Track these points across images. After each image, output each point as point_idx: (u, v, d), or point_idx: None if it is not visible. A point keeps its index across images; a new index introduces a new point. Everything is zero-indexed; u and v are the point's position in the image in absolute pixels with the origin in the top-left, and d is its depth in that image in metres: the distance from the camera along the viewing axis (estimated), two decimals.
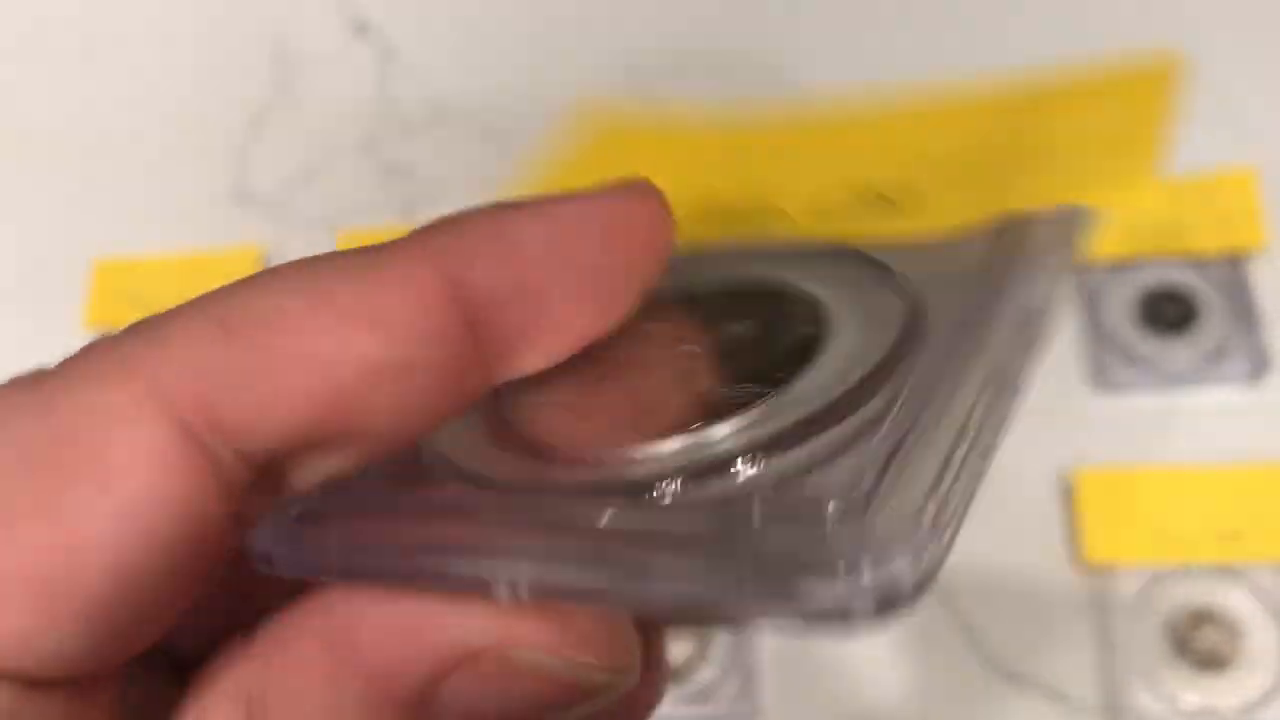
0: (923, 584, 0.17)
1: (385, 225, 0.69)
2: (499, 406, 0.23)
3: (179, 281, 0.69)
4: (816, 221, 0.24)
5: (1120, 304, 0.62)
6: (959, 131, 0.25)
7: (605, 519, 0.19)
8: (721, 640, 0.57)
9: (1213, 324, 0.62)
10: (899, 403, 0.20)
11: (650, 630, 0.24)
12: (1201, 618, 0.57)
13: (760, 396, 0.22)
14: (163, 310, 0.20)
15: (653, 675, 0.24)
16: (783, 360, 0.23)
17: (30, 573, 0.18)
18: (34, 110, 0.79)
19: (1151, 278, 0.62)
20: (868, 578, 0.17)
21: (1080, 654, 0.56)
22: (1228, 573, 0.57)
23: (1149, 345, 0.61)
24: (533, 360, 0.21)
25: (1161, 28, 0.63)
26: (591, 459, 0.22)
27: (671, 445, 0.22)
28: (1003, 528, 0.57)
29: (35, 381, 0.19)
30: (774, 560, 0.17)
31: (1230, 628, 0.57)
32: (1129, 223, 0.62)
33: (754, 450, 0.21)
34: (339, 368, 0.19)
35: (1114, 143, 0.24)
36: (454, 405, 0.20)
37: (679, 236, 0.21)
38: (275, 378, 0.19)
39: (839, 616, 0.17)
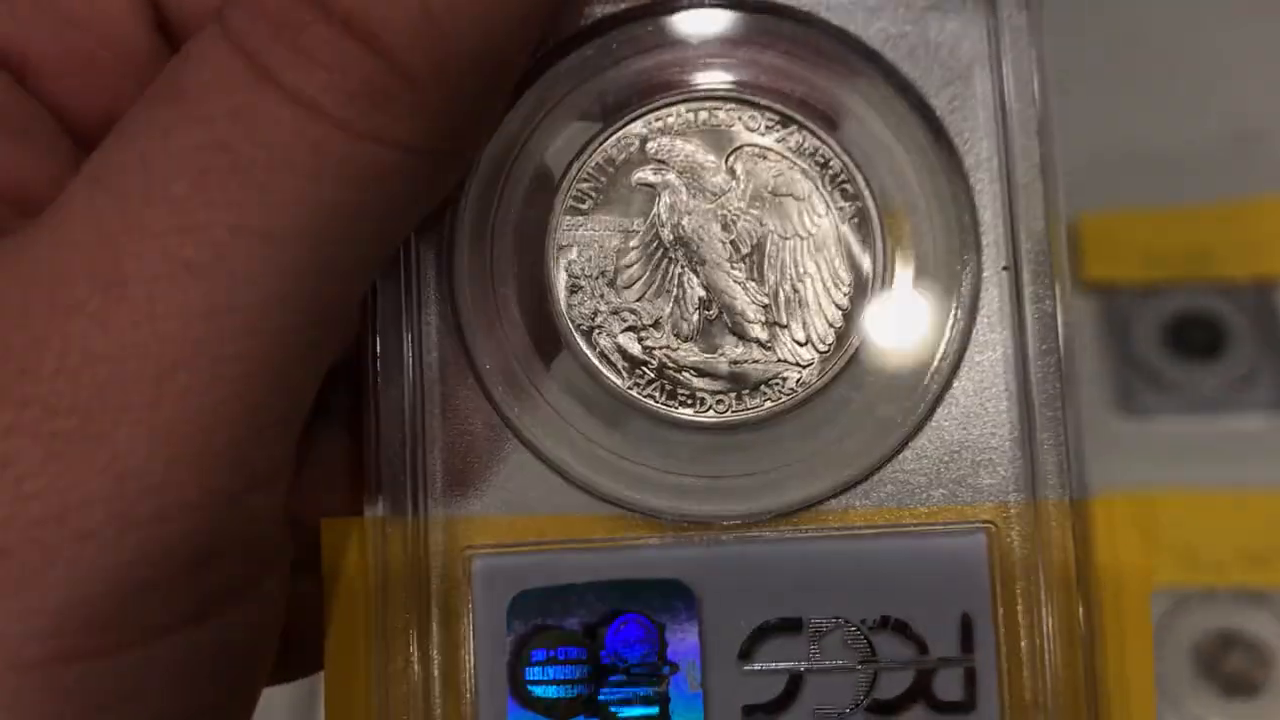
0: None
1: None
2: None
3: None
4: None
5: (1148, 329, 0.64)
6: None
7: None
8: None
9: (1241, 350, 0.63)
10: None
11: None
12: (1229, 642, 0.59)
13: None
14: None
15: None
16: None
17: None
18: None
19: (1180, 303, 0.64)
20: None
21: None
22: (1255, 597, 0.59)
23: (1177, 370, 0.63)
24: None
25: (1191, 54, 0.65)
26: None
27: None
28: None
29: None
30: None
31: (1258, 652, 0.59)
32: (1158, 248, 0.64)
33: None
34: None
35: None
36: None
37: None
38: None
39: None
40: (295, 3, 0.22)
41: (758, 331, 0.28)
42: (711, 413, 0.28)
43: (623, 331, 0.28)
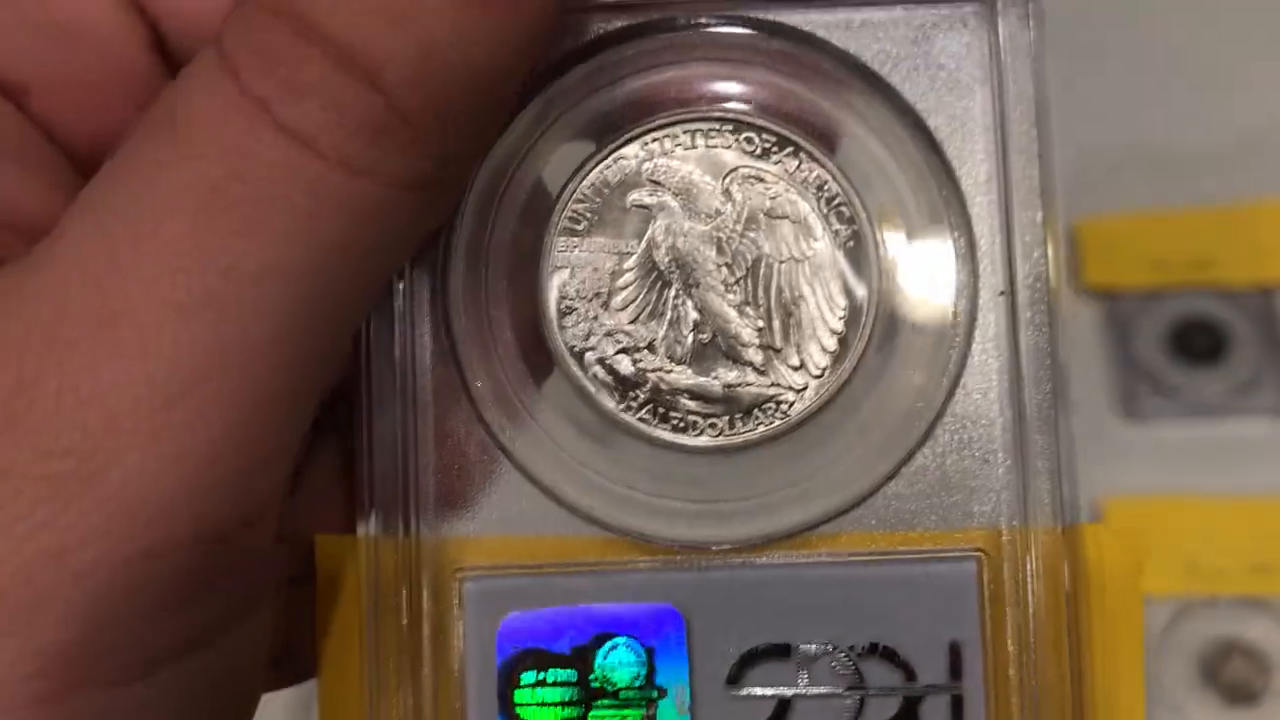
0: None
1: None
2: None
3: None
4: None
5: (1151, 334, 0.64)
6: None
7: None
8: None
9: (1244, 355, 0.63)
10: None
11: None
12: (1231, 650, 0.59)
13: None
14: None
15: None
16: None
17: None
18: None
19: (1183, 308, 0.64)
20: None
21: None
22: (1257, 605, 0.60)
23: (1179, 376, 0.63)
24: None
25: (1195, 58, 0.65)
26: None
27: None
28: None
29: None
30: None
31: (1260, 660, 0.59)
32: (1160, 252, 0.64)
33: None
34: None
35: None
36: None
37: None
38: None
39: None
40: (292, 37, 0.22)
41: (752, 355, 0.28)
42: (704, 436, 0.28)
43: (616, 353, 0.28)
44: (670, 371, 0.28)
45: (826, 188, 0.28)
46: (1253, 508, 0.61)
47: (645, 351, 0.28)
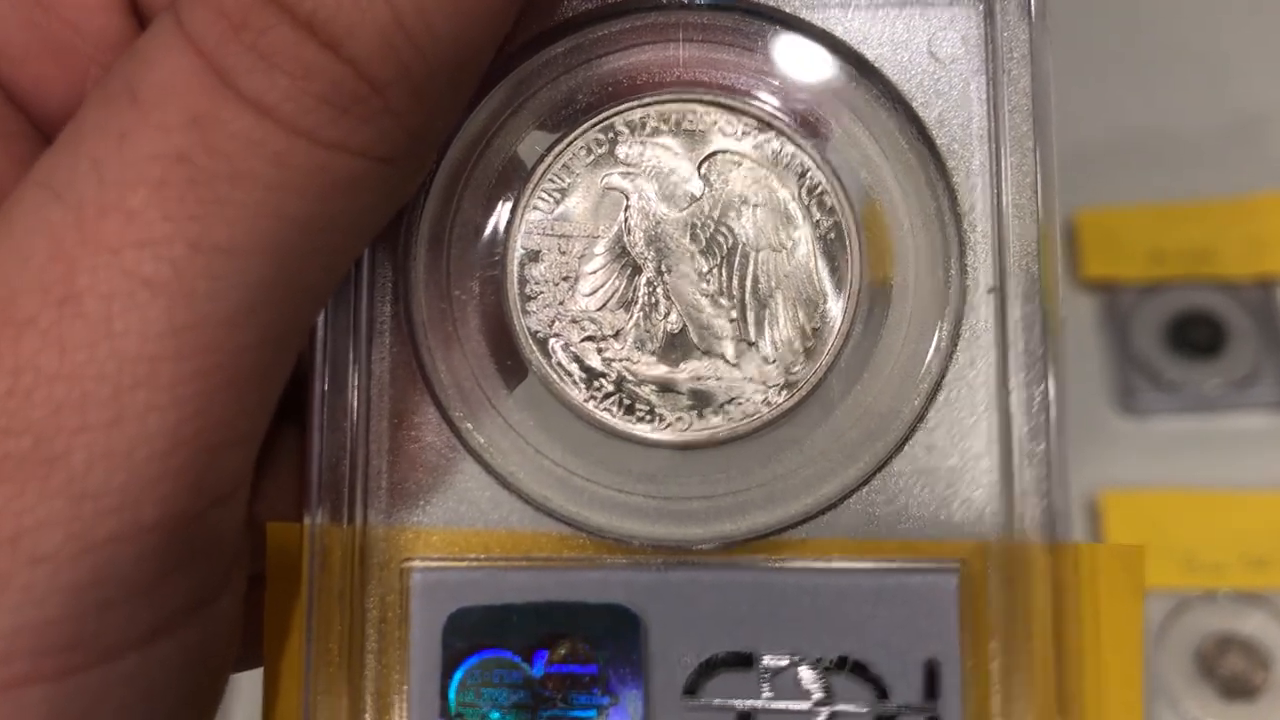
0: None
1: None
2: None
3: None
4: None
5: (1149, 327, 0.63)
6: None
7: None
8: None
9: (1242, 349, 0.62)
10: None
11: None
12: (1227, 644, 0.58)
13: None
14: None
15: None
16: None
17: None
18: None
19: (1181, 301, 0.63)
20: None
21: None
22: (1254, 599, 0.59)
23: (1177, 369, 0.62)
24: None
25: (1195, 50, 0.64)
26: None
27: None
28: None
29: None
30: None
31: (1256, 654, 0.58)
32: (1160, 245, 0.63)
33: None
34: None
35: None
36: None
37: None
38: None
39: None
40: (256, 3, 0.21)
41: (724, 347, 0.26)
42: (670, 430, 0.26)
43: (581, 341, 0.26)
44: (637, 362, 0.26)
45: (809, 176, 0.26)
46: (1251, 502, 0.60)
47: (611, 340, 0.26)
